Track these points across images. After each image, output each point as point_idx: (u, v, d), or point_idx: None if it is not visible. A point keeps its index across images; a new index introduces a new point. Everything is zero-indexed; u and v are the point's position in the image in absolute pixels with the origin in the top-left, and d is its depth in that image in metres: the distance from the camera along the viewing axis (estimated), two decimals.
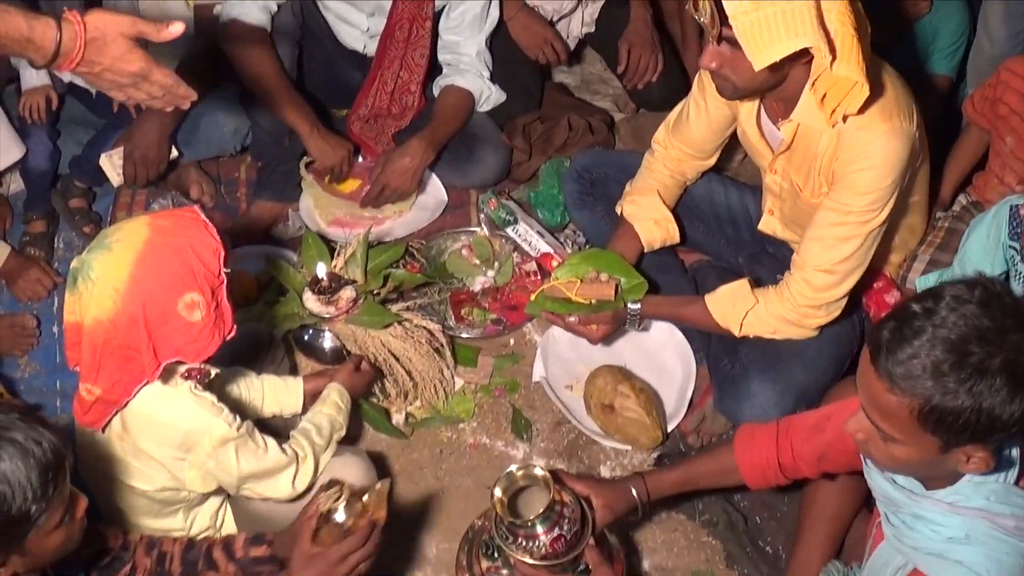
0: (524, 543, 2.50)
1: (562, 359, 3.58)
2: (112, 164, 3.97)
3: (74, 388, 2.55)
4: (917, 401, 1.90)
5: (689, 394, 3.46)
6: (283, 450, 2.72)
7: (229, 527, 2.92)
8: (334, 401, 2.98)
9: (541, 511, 2.46)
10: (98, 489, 2.74)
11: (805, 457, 2.61)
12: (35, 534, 2.03)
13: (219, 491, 2.77)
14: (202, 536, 2.82)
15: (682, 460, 3.22)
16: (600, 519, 2.63)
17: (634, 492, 2.70)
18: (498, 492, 2.52)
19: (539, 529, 2.48)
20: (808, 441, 2.60)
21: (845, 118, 2.79)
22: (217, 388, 2.74)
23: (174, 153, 4.07)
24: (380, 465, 3.23)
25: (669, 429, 3.38)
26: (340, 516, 2.46)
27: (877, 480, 2.28)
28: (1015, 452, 2.12)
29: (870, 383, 1.97)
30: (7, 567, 2.07)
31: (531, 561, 2.50)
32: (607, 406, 3.31)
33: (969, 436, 1.92)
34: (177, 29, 2.26)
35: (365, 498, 2.48)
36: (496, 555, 2.64)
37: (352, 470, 2.91)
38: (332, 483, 2.54)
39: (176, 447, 2.55)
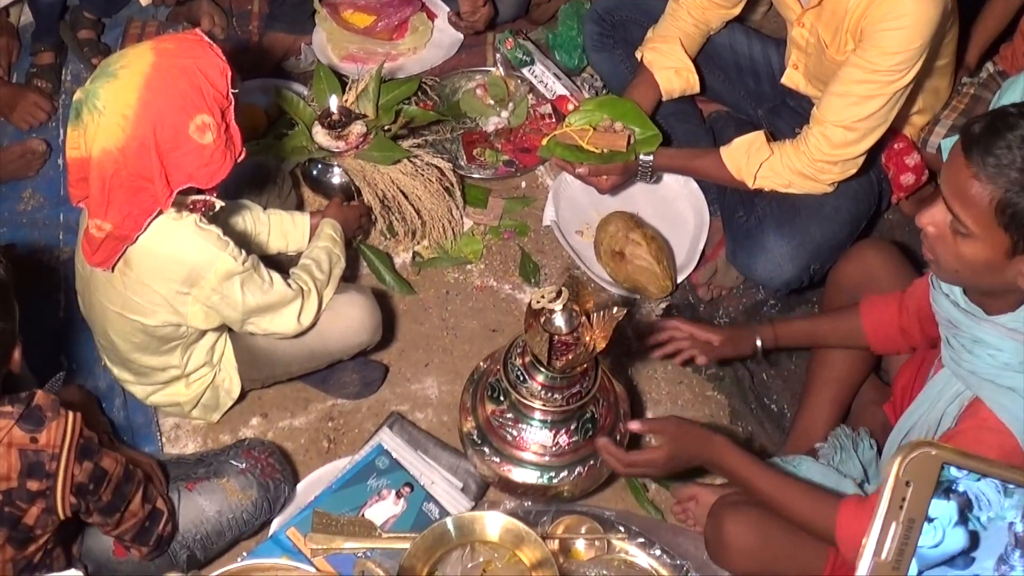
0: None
1: (574, 204, 3.54)
2: None
3: (76, 221, 2.50)
4: (999, 192, 1.95)
5: (701, 245, 3.42)
6: (288, 284, 2.70)
7: (228, 363, 2.93)
8: (328, 234, 2.97)
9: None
10: (96, 325, 2.74)
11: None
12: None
13: (218, 328, 2.76)
14: (198, 373, 2.87)
15: (805, 315, 3.29)
16: (719, 351, 2.91)
17: (758, 340, 2.87)
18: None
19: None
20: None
21: None
22: (222, 222, 2.69)
23: None
24: (384, 304, 3.21)
25: (679, 280, 3.35)
26: (558, 321, 2.36)
27: (941, 302, 2.31)
28: None
29: (957, 171, 2.00)
30: None
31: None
32: (617, 253, 3.28)
33: None
34: None
35: (594, 316, 2.34)
36: (502, 398, 2.63)
37: (356, 308, 2.92)
38: (557, 290, 2.37)
39: (180, 281, 2.52)
